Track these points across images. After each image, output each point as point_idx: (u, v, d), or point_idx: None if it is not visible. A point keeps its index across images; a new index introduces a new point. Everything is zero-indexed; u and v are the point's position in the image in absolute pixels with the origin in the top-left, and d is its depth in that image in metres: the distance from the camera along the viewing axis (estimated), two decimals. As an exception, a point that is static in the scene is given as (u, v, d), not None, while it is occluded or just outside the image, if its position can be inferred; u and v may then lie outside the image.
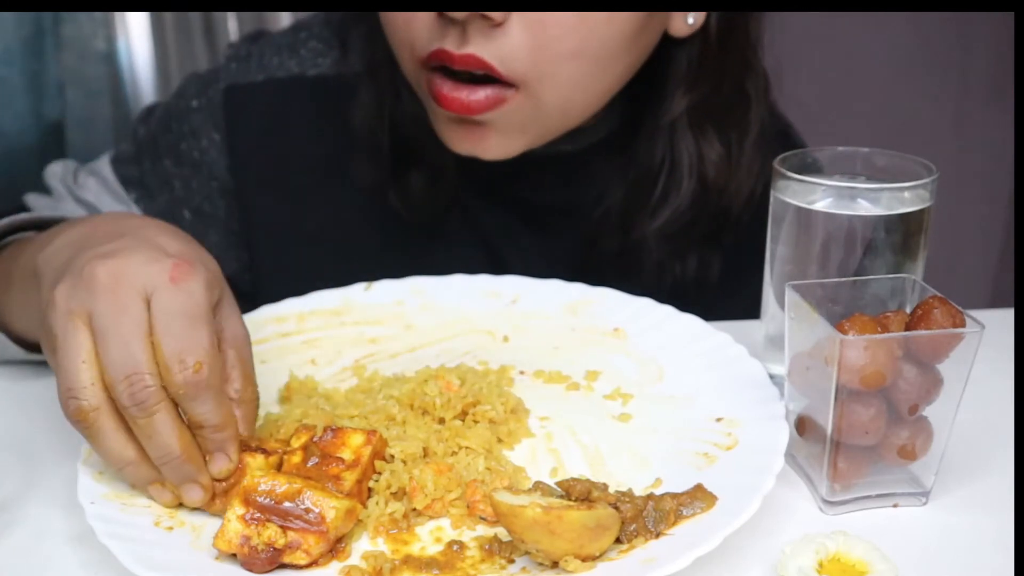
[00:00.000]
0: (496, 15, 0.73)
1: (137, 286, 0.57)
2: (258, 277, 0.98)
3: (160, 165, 0.95)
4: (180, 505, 0.61)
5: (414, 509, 0.60)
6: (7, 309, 0.76)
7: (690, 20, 0.83)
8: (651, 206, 0.89)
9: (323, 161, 0.94)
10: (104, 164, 0.96)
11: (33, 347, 0.77)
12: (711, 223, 0.91)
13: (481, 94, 0.77)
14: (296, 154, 0.95)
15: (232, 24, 1.74)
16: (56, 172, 0.95)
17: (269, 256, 0.96)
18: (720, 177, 0.88)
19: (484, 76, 0.76)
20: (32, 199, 0.93)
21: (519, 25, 0.74)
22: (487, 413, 0.68)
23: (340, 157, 0.93)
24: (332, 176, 0.94)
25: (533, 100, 0.78)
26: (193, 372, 0.56)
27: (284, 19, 1.70)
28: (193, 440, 0.59)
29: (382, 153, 0.91)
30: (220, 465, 0.60)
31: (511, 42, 0.74)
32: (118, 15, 1.62)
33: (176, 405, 0.58)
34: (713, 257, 0.93)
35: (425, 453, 0.64)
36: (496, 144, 0.81)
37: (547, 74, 0.76)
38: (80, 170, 0.96)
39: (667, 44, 0.84)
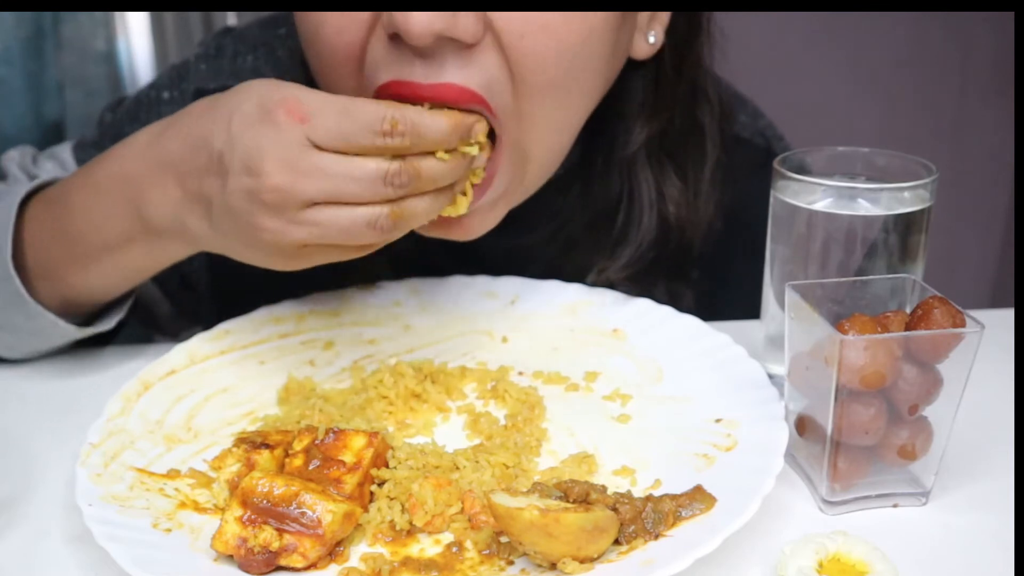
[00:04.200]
0: (466, 34, 0.64)
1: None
2: (216, 278, 0.95)
3: None
4: (180, 506, 0.61)
5: (414, 525, 0.60)
6: (69, 268, 0.75)
7: (651, 39, 0.78)
8: (611, 243, 0.86)
9: None
10: (64, 149, 0.94)
11: (79, 320, 0.78)
12: (673, 260, 0.88)
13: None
14: None
15: (232, 24, 1.74)
16: (13, 157, 0.93)
17: (227, 264, 0.84)
18: (681, 213, 0.85)
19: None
20: None
21: (493, 49, 0.66)
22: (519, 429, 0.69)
23: None
24: None
25: (517, 152, 0.71)
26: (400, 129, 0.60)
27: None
28: None
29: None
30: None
31: (489, 69, 0.66)
32: (118, 15, 1.62)
33: None
34: (683, 292, 0.91)
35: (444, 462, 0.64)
36: (478, 222, 0.73)
37: (527, 112, 0.69)
38: (39, 155, 0.94)
39: (624, 74, 0.80)
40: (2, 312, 0.77)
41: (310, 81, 0.74)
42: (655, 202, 0.84)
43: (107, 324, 0.81)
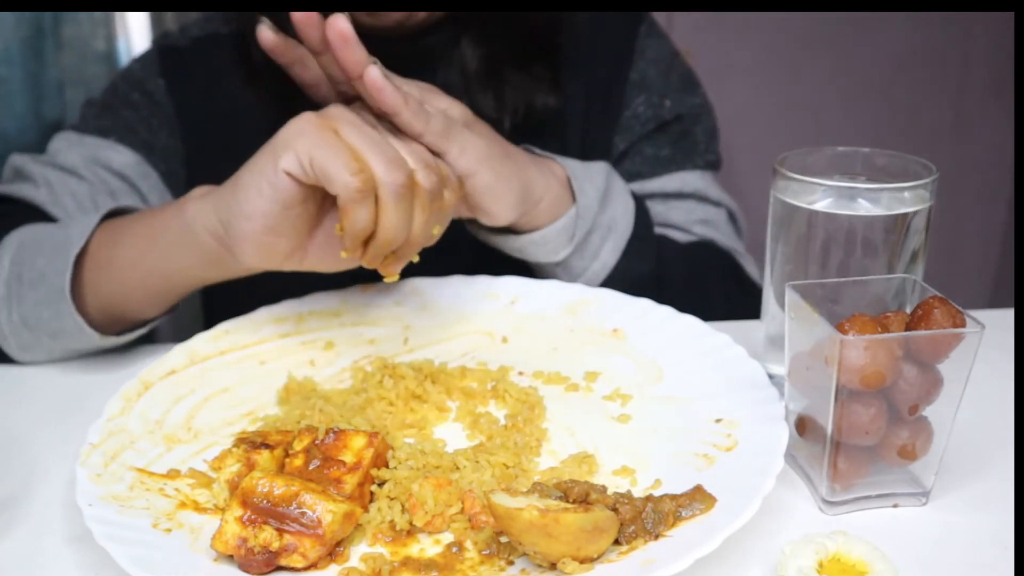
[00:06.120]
0: None
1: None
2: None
3: (120, 116, 0.99)
4: (180, 506, 0.61)
5: (414, 525, 0.60)
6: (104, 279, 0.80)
7: None
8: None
9: (254, 108, 0.98)
10: (65, 135, 0.98)
11: (104, 329, 0.81)
12: (529, 45, 0.99)
13: None
14: (231, 104, 0.99)
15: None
16: (21, 158, 0.97)
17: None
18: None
19: None
20: (21, 188, 0.94)
21: None
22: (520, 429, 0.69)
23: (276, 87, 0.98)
24: (265, 121, 0.97)
25: None
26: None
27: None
28: None
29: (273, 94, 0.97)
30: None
31: None
32: (118, 15, 1.62)
33: None
34: (544, 76, 0.99)
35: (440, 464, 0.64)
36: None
37: None
38: (46, 152, 0.98)
39: None
40: (36, 306, 0.79)
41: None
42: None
43: (129, 336, 0.82)
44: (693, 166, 1.02)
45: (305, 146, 0.66)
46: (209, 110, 0.99)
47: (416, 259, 0.72)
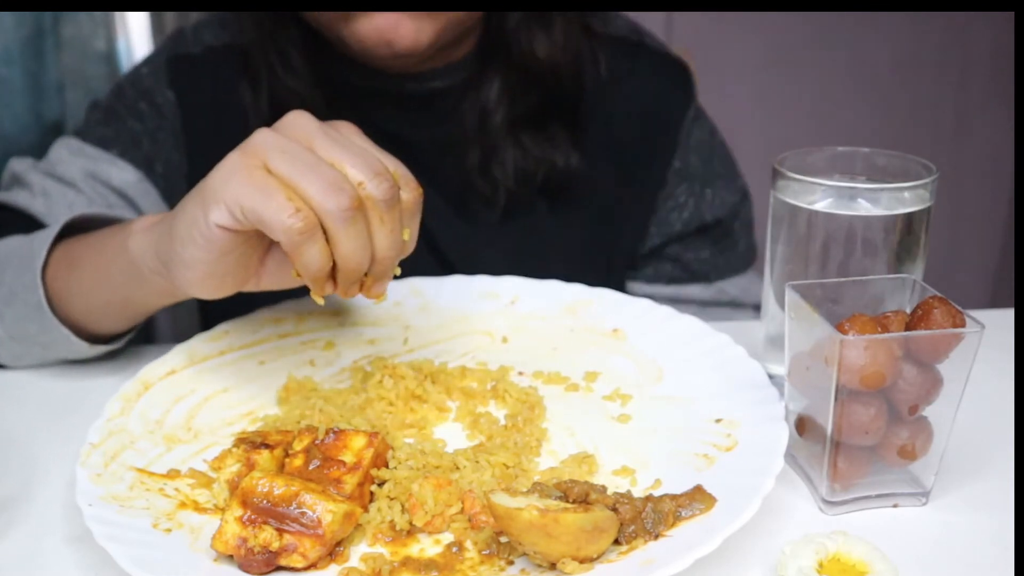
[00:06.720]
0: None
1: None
2: None
3: (124, 127, 0.98)
4: (180, 506, 0.61)
5: (414, 525, 0.60)
6: (74, 287, 0.78)
7: None
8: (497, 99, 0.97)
9: (263, 125, 0.97)
10: (67, 142, 0.98)
11: (89, 337, 0.80)
12: (551, 104, 0.98)
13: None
14: (239, 116, 0.98)
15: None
16: (22, 163, 0.96)
17: None
18: (547, 56, 0.96)
19: None
20: (17, 196, 0.93)
21: None
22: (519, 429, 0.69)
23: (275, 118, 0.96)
24: None
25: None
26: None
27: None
28: None
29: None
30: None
31: None
32: (118, 15, 1.62)
33: None
34: (563, 136, 0.98)
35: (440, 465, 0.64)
36: (409, 28, 0.85)
37: None
38: (46, 157, 0.97)
39: None
40: (18, 322, 0.79)
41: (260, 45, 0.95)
42: (530, 53, 0.95)
43: (118, 343, 0.82)
44: (732, 272, 1.04)
45: (233, 194, 0.61)
46: (216, 124, 0.98)
47: (398, 272, 0.67)
